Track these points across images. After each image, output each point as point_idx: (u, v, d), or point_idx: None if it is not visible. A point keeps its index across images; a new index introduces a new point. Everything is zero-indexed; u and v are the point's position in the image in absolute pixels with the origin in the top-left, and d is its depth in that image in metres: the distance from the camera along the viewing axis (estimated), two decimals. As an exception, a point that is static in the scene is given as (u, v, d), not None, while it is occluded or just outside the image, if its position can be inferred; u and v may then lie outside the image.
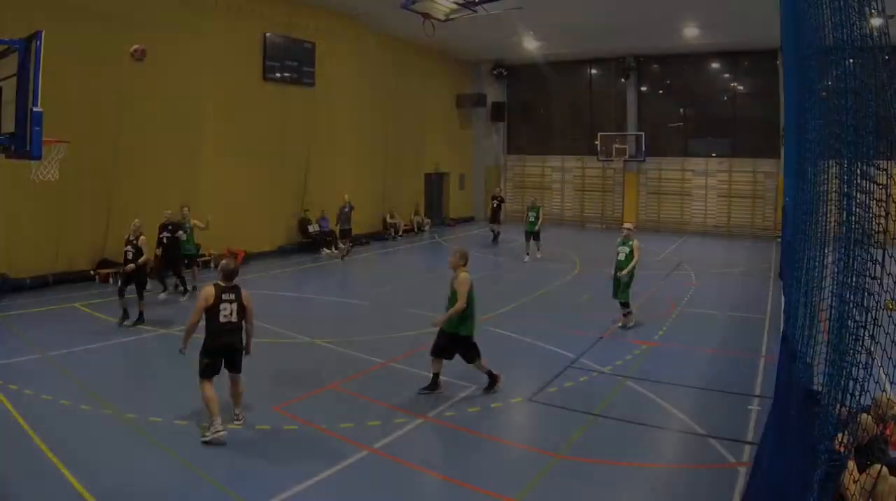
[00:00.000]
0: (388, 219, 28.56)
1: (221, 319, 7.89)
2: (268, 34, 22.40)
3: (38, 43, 5.83)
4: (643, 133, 31.84)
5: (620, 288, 13.45)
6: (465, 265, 9.51)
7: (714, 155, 31.24)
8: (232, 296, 8.00)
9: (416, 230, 30.08)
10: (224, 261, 8.25)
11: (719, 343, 12.83)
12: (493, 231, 26.61)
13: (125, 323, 12.96)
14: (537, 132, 36.59)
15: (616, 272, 13.54)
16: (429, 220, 31.50)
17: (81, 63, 16.54)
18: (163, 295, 15.45)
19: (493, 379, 9.66)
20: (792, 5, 7.16)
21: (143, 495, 6.61)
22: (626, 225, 14.43)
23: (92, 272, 17.38)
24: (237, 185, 21.08)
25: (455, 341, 9.40)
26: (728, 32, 25.90)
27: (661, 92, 33.20)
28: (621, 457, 7.68)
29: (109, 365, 10.94)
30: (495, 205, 26.65)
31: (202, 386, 7.81)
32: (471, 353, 9.48)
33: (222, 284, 8.04)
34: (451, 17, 15.70)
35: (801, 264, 5.65)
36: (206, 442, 7.60)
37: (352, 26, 25.85)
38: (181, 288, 15.86)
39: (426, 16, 15.31)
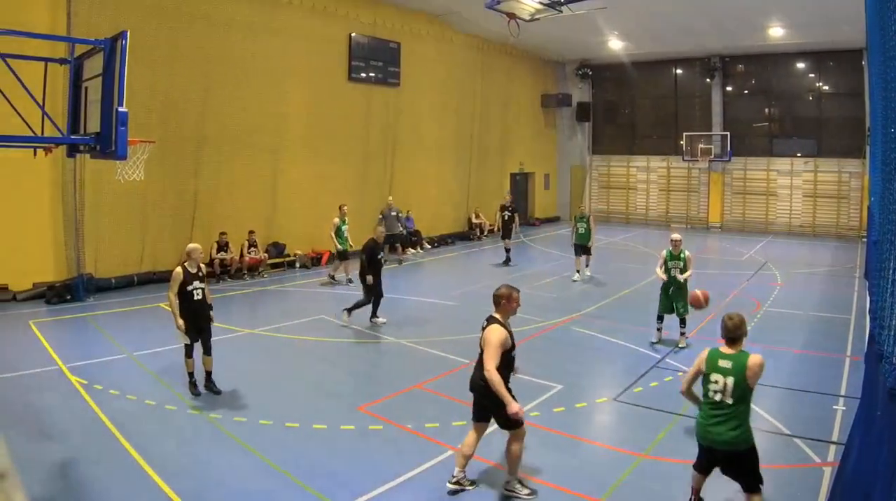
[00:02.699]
0: (474, 219, 28.78)
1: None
2: (353, 34, 22.86)
3: (124, 43, 5.84)
4: (728, 133, 31.37)
5: (683, 303, 12.16)
6: None
7: (799, 155, 30.50)
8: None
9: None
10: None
11: (804, 343, 12.65)
12: (506, 249, 22.10)
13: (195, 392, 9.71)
14: (622, 132, 36.39)
15: (671, 288, 12.29)
16: (514, 220, 31.52)
17: (166, 63, 17.07)
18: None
19: None
20: (877, 5, 7.13)
21: (228, 495, 6.71)
22: (675, 235, 12.63)
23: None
24: (322, 185, 21.58)
25: None
26: (813, 32, 25.26)
27: (746, 92, 32.45)
28: (706, 456, 7.69)
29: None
30: (506, 217, 22.07)
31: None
32: None
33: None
34: (536, 16, 15.77)
35: (888, 264, 5.66)
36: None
37: (437, 26, 26.26)
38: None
39: (511, 16, 15.45)
